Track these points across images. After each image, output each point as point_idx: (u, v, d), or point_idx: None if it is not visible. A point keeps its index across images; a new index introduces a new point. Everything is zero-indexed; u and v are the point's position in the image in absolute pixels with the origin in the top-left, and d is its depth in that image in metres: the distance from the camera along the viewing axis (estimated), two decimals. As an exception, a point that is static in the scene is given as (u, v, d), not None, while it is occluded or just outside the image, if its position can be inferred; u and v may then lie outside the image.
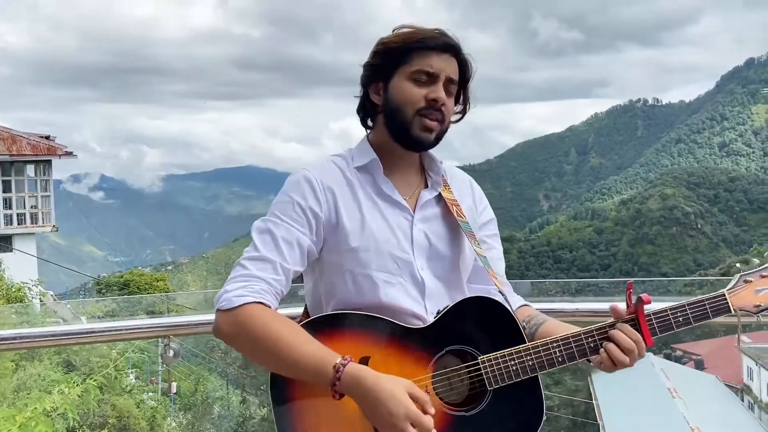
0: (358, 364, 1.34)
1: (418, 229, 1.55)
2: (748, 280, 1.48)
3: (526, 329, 1.53)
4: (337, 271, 1.52)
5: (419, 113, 1.51)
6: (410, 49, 1.51)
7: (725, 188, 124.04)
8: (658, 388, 13.83)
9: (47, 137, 25.97)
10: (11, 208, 24.81)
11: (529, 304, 1.68)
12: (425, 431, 1.30)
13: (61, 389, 3.25)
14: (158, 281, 27.14)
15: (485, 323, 1.46)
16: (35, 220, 25.42)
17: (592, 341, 1.45)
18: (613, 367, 1.43)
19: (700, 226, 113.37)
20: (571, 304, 2.29)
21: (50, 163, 25.58)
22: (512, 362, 1.43)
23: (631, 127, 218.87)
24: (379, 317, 1.46)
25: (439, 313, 1.48)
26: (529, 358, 1.43)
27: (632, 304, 1.44)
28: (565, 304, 2.30)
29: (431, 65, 1.50)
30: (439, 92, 1.50)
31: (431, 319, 1.50)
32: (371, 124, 1.62)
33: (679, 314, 1.46)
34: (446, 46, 1.52)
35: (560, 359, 1.44)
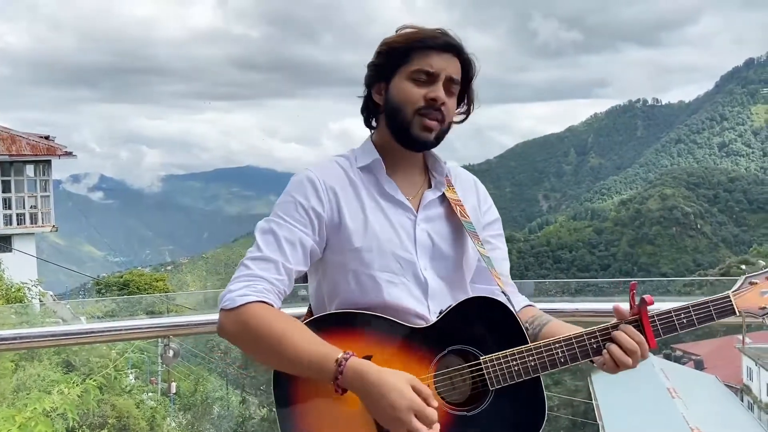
0: (359, 359, 1.34)
1: (421, 229, 1.55)
2: (753, 282, 1.46)
3: (529, 329, 1.53)
4: (340, 270, 1.52)
5: (419, 113, 1.50)
6: (411, 48, 1.51)
7: (725, 188, 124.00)
8: (657, 388, 13.83)
9: (47, 137, 25.92)
10: (11, 208, 24.75)
11: (533, 304, 1.68)
12: (429, 422, 1.30)
13: (60, 389, 3.25)
14: (158, 281, 27.13)
15: (487, 323, 1.46)
16: (35, 220, 25.37)
17: (594, 342, 1.44)
18: (615, 368, 1.43)
19: (699, 226, 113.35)
20: (570, 304, 2.28)
21: (50, 163, 25.52)
22: (514, 362, 1.43)
23: (630, 127, 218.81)
24: (381, 316, 1.46)
25: (441, 313, 1.48)
26: (531, 358, 1.43)
27: (636, 305, 1.43)
28: (564, 304, 2.29)
29: (431, 65, 1.50)
30: (438, 91, 1.50)
31: (434, 318, 1.49)
32: (374, 124, 1.62)
33: (683, 316, 1.44)
34: (447, 45, 1.51)
35: (562, 360, 1.43)
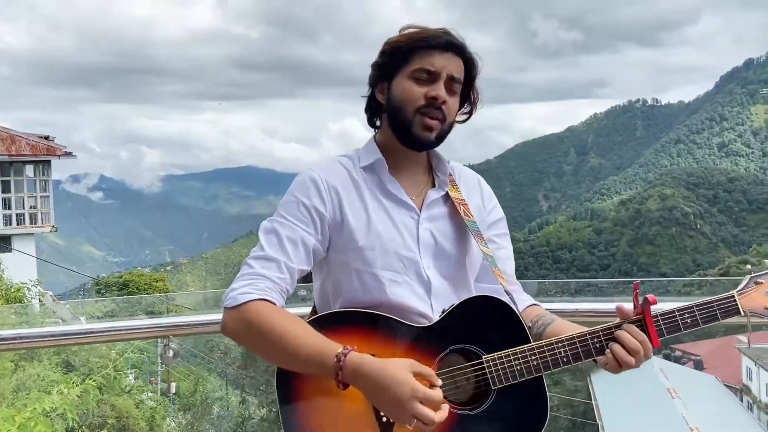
0: (359, 353, 1.34)
1: (424, 228, 1.55)
2: (759, 281, 1.45)
3: (533, 329, 1.53)
4: (343, 269, 1.52)
5: (419, 111, 1.50)
6: (413, 48, 1.51)
7: (724, 188, 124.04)
8: (657, 388, 13.83)
9: (46, 137, 25.88)
10: (10, 208, 24.71)
11: (538, 303, 1.67)
12: (435, 405, 1.29)
13: (60, 389, 3.25)
14: (157, 281, 27.11)
15: (490, 323, 1.46)
16: (34, 220, 25.33)
17: (597, 342, 1.44)
18: (618, 368, 1.42)
19: (699, 226, 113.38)
20: (570, 304, 2.28)
21: (49, 163, 25.48)
22: (516, 362, 1.43)
23: (630, 127, 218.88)
24: (384, 315, 1.47)
25: (444, 312, 1.48)
26: (533, 357, 1.43)
27: (639, 304, 1.43)
28: (564, 304, 2.29)
29: (432, 63, 1.50)
30: (438, 90, 1.49)
31: (437, 317, 1.50)
32: (378, 123, 1.62)
33: (687, 316, 1.43)
34: (449, 44, 1.51)
35: (565, 359, 1.43)
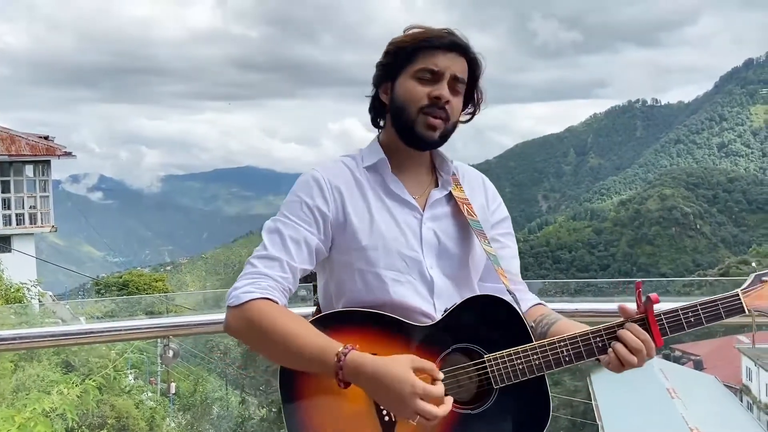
0: (360, 351, 1.34)
1: (427, 227, 1.56)
2: (764, 280, 1.44)
3: (537, 328, 1.53)
4: (346, 269, 1.53)
5: (423, 111, 1.50)
6: (417, 48, 1.51)
7: (724, 189, 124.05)
8: (657, 388, 13.84)
9: (46, 137, 25.86)
10: (10, 208, 24.70)
11: (543, 303, 1.67)
12: (436, 400, 1.29)
13: (60, 390, 3.25)
14: (157, 282, 27.12)
15: (492, 322, 1.46)
16: (34, 220, 25.32)
17: (600, 341, 1.43)
18: (620, 367, 1.42)
19: (699, 226, 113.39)
20: (570, 304, 2.27)
21: (49, 163, 25.47)
22: (518, 361, 1.42)
23: (629, 127, 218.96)
24: (386, 315, 1.47)
25: (446, 311, 1.48)
26: (535, 357, 1.42)
27: (642, 303, 1.42)
28: (564, 304, 2.28)
29: (436, 63, 1.50)
30: (442, 90, 1.50)
31: (440, 317, 1.50)
32: (382, 123, 1.63)
33: (690, 314, 1.42)
34: (453, 44, 1.52)
35: (567, 359, 1.42)
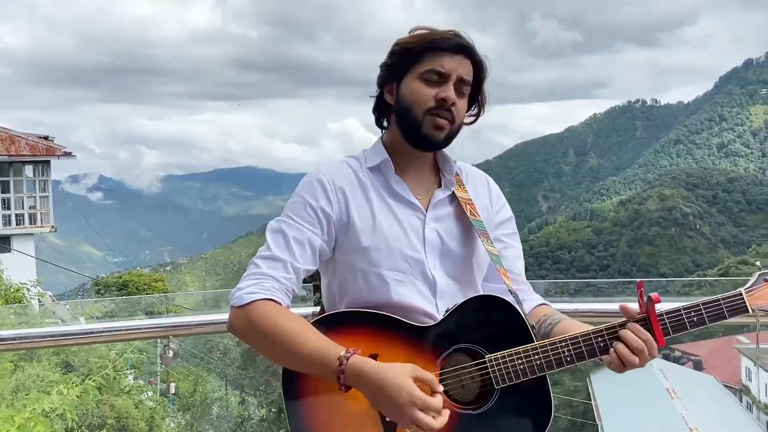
0: (361, 356, 1.34)
1: (430, 228, 1.56)
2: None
3: (541, 328, 1.53)
4: (348, 270, 1.53)
5: (429, 112, 1.51)
6: (423, 49, 1.51)
7: (724, 189, 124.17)
8: (656, 388, 13.85)
9: (46, 137, 25.83)
10: (10, 208, 24.68)
11: (547, 303, 1.66)
12: (434, 412, 1.29)
13: (59, 390, 3.24)
14: (157, 282, 27.14)
15: (493, 322, 1.46)
16: (34, 220, 25.30)
17: (601, 341, 1.43)
18: (622, 367, 1.41)
19: (698, 226, 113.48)
20: (569, 304, 2.27)
21: (49, 163, 25.46)
22: (519, 361, 1.42)
23: (629, 127, 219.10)
24: (387, 315, 1.47)
25: (447, 311, 1.48)
26: (537, 357, 1.42)
27: (644, 303, 1.42)
28: (564, 304, 2.28)
29: (442, 65, 1.50)
30: (448, 92, 1.50)
31: (441, 317, 1.50)
32: (386, 124, 1.63)
33: (693, 314, 1.41)
34: (459, 46, 1.52)
35: (569, 359, 1.42)
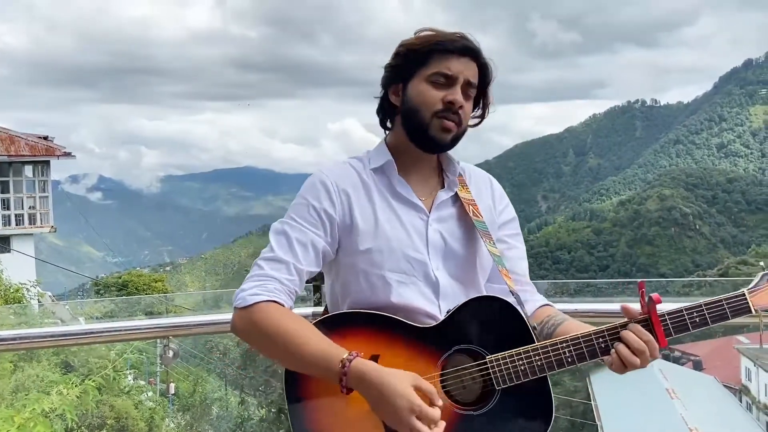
0: (364, 359, 1.35)
1: (433, 229, 1.56)
2: None
3: (544, 329, 1.53)
4: (351, 271, 1.53)
5: (437, 115, 1.51)
6: (430, 51, 1.51)
7: (723, 189, 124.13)
8: (656, 388, 13.86)
9: (45, 138, 25.82)
10: (9, 208, 24.66)
11: (550, 304, 1.66)
12: (431, 423, 1.30)
13: (59, 390, 3.25)
14: (156, 282, 27.16)
15: (494, 323, 1.46)
16: (33, 220, 25.29)
17: (603, 342, 1.43)
18: (623, 368, 1.41)
19: (698, 226, 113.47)
20: (569, 304, 2.27)
21: (48, 163, 25.45)
22: (520, 362, 1.42)
23: (629, 128, 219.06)
24: (388, 316, 1.47)
25: (448, 312, 1.48)
26: (537, 358, 1.42)
27: (645, 304, 1.41)
28: (563, 304, 2.28)
29: (450, 68, 1.50)
30: (456, 95, 1.50)
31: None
32: (390, 125, 1.63)
33: (695, 314, 1.41)
34: (466, 49, 1.52)
35: (569, 359, 1.42)
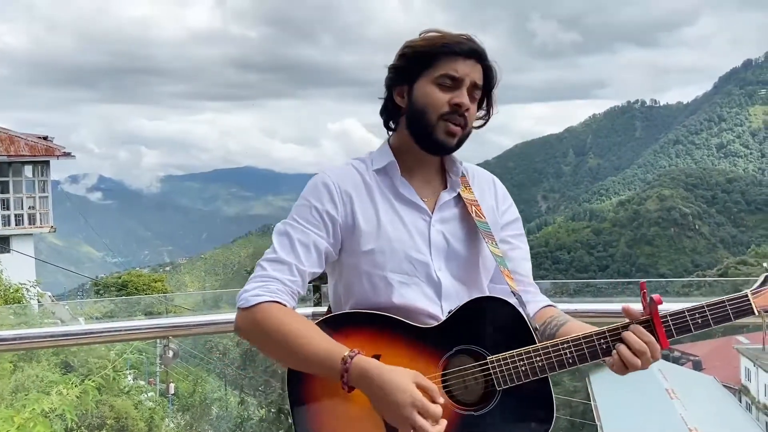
0: (365, 357, 1.35)
1: (436, 230, 1.56)
2: None
3: (546, 330, 1.53)
4: (354, 272, 1.54)
5: (443, 118, 1.51)
6: (436, 53, 1.51)
7: (723, 189, 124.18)
8: (656, 388, 13.86)
9: (45, 138, 25.81)
10: (9, 209, 24.66)
11: (553, 304, 1.67)
12: (433, 419, 1.30)
13: (59, 390, 3.25)
14: (156, 282, 27.17)
15: (495, 323, 1.46)
16: (33, 220, 25.29)
17: (604, 342, 1.43)
18: (624, 369, 1.41)
19: (697, 227, 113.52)
20: (569, 304, 2.27)
21: (48, 163, 25.45)
22: (521, 362, 1.42)
23: (629, 128, 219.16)
24: (390, 316, 1.48)
25: (449, 313, 1.49)
26: (538, 358, 1.42)
27: (647, 305, 1.41)
28: (563, 304, 2.28)
29: (456, 70, 1.50)
30: (463, 97, 1.50)
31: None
32: (393, 126, 1.63)
33: (697, 316, 1.40)
34: (472, 51, 1.52)
35: (571, 360, 1.42)
